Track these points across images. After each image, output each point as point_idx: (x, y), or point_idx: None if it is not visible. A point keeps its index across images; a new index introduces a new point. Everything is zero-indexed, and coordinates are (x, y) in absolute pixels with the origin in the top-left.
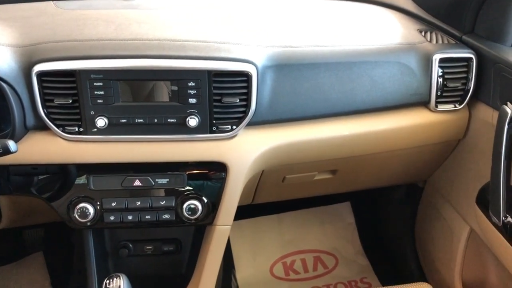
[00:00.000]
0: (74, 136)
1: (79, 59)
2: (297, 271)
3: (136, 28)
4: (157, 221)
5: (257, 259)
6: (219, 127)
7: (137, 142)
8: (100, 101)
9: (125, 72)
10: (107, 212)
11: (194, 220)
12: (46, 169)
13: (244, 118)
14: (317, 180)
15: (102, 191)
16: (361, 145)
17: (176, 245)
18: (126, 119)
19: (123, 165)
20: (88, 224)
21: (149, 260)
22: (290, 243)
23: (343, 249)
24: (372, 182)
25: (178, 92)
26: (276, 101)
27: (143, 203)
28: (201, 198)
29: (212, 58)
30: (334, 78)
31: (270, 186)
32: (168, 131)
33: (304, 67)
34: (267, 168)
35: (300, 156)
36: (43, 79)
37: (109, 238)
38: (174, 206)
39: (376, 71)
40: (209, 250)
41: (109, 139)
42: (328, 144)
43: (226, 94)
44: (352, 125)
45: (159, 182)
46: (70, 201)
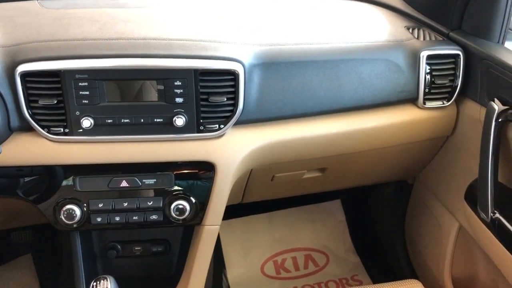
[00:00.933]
0: (60, 137)
1: (64, 59)
2: (288, 270)
3: (122, 27)
4: (144, 221)
5: (248, 258)
6: (206, 126)
7: (123, 142)
8: (85, 102)
9: (111, 71)
10: (94, 213)
11: (182, 221)
12: (32, 171)
13: (231, 117)
14: (307, 178)
15: (89, 192)
16: (349, 143)
17: (165, 246)
18: (112, 119)
19: (109, 165)
20: (74, 226)
21: (138, 261)
22: (281, 242)
23: (334, 247)
24: (361, 180)
25: (164, 92)
26: (263, 99)
27: (131, 204)
28: (189, 198)
29: (199, 56)
30: (321, 76)
31: (259, 185)
32: (155, 131)
33: (291, 65)
34: (255, 167)
35: (288, 155)
36: (27, 80)
37: (97, 240)
38: (162, 207)
39: (363, 69)
40: (198, 251)
41: (95, 140)
42: (316, 142)
43: (213, 93)
44: (340, 123)
45: (146, 183)
46: (56, 203)
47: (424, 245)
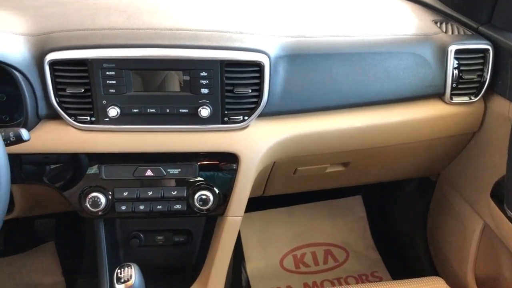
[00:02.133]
0: (86, 126)
1: (91, 48)
2: (308, 264)
3: (148, 17)
4: (168, 211)
5: (267, 251)
6: (230, 117)
7: (148, 132)
8: (112, 91)
9: (138, 61)
10: (119, 202)
11: (205, 211)
12: (58, 158)
13: (256, 109)
14: (329, 172)
15: (114, 181)
16: (374, 137)
17: (187, 236)
18: (138, 109)
19: (134, 155)
20: (99, 214)
21: (160, 250)
22: (300, 236)
23: (354, 243)
24: (384, 175)
25: (190, 82)
26: (288, 91)
27: (155, 193)
28: (212, 189)
29: (225, 47)
30: (347, 69)
31: (281, 178)
32: (180, 121)
33: (317, 58)
34: (278, 159)
35: (312, 148)
36: (55, 68)
37: (120, 228)
38: (186, 197)
39: (390, 62)
40: (220, 241)
41: (121, 129)
42: (340, 136)
43: (238, 84)
44: (365, 117)
45: (170, 172)
46: (81, 191)
47: (446, 243)
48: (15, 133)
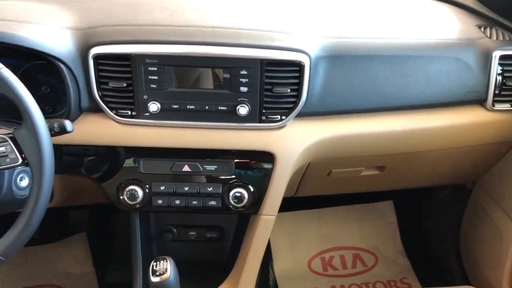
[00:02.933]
0: (127, 120)
1: (135, 43)
2: (336, 267)
3: (191, 15)
4: (203, 207)
5: (296, 252)
6: (268, 116)
7: (187, 128)
8: (153, 86)
9: (180, 58)
10: (156, 195)
11: (239, 208)
12: (97, 151)
13: (294, 109)
14: (364, 176)
15: (152, 175)
16: (412, 142)
17: (219, 233)
18: (178, 105)
19: (172, 150)
20: (136, 207)
21: (191, 246)
22: (329, 239)
23: (383, 248)
24: (419, 181)
25: (230, 80)
26: (327, 92)
27: (191, 189)
28: (247, 187)
29: (266, 47)
30: (388, 72)
31: (315, 179)
32: (218, 118)
33: (358, 59)
34: (314, 160)
35: (348, 150)
36: (99, 62)
37: (154, 222)
38: (221, 193)
39: (432, 66)
40: (253, 239)
41: (161, 124)
42: (378, 139)
43: (278, 83)
44: (404, 121)
45: (207, 169)
46: (119, 183)
47: (481, 252)
48: (59, 124)
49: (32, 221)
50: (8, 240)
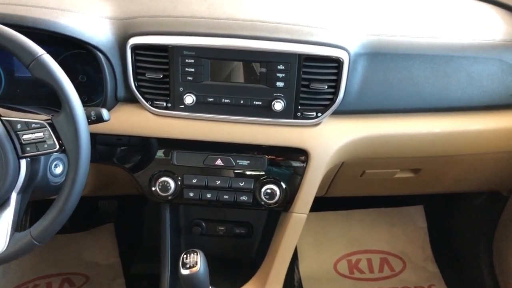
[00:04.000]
0: (162, 111)
1: (173, 34)
2: (362, 271)
3: (229, 8)
4: (234, 201)
5: (322, 253)
6: (304, 113)
7: (221, 122)
8: (189, 78)
9: (217, 51)
10: (187, 188)
11: (270, 205)
12: (130, 141)
13: (330, 106)
14: (397, 178)
15: (184, 167)
16: (450, 145)
17: (248, 229)
18: (213, 98)
19: (206, 143)
20: (168, 198)
21: (220, 241)
22: (356, 241)
23: (412, 254)
24: (455, 186)
25: (266, 75)
26: (365, 90)
27: (223, 183)
28: (279, 184)
29: (304, 42)
30: (429, 72)
31: (347, 179)
32: (253, 113)
33: (398, 58)
34: (348, 160)
35: (384, 151)
36: (137, 52)
37: (184, 215)
38: (252, 189)
39: (474, 68)
40: (283, 237)
41: (195, 117)
42: (416, 141)
43: (315, 79)
44: (443, 123)
45: (240, 164)
46: (152, 174)
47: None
48: (96, 113)
49: (67, 207)
50: (43, 225)
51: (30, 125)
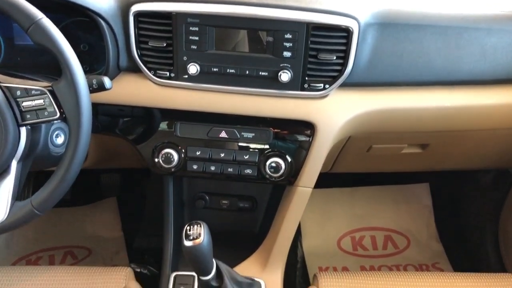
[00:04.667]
0: (165, 81)
1: (177, 1)
2: (366, 248)
3: None
4: (238, 174)
5: (326, 230)
6: (311, 84)
7: (226, 93)
8: (193, 47)
9: (222, 18)
10: (191, 160)
11: (275, 178)
12: (133, 112)
13: (338, 78)
14: (405, 154)
15: (188, 139)
16: (460, 119)
17: (252, 203)
18: (218, 68)
19: (210, 115)
20: (171, 171)
21: (223, 214)
22: (360, 218)
23: (416, 231)
24: (462, 163)
25: (273, 44)
26: (374, 62)
27: (227, 156)
28: (285, 157)
29: (313, 10)
30: (440, 43)
31: (353, 154)
32: (259, 84)
33: (409, 28)
34: (355, 134)
35: (392, 125)
36: (139, 20)
37: (187, 188)
38: (257, 162)
39: (488, 40)
40: (288, 211)
41: (199, 87)
42: (425, 114)
43: (323, 50)
44: (454, 96)
45: (244, 136)
46: (155, 146)
47: None
48: (98, 81)
49: (68, 176)
50: (44, 194)
51: (30, 92)
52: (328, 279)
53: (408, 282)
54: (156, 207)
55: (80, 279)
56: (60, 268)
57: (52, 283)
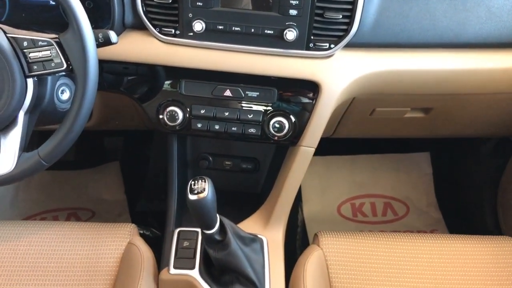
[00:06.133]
0: (170, 39)
1: None
2: (365, 214)
3: None
4: (242, 134)
5: (326, 196)
6: (316, 44)
7: (231, 51)
8: (199, 4)
9: None
10: (195, 118)
11: (278, 138)
12: (137, 70)
13: (344, 37)
14: (407, 118)
15: (192, 97)
16: (464, 83)
17: (255, 164)
18: (223, 26)
19: (215, 73)
20: (176, 129)
21: (226, 175)
22: (361, 186)
23: (415, 199)
24: (464, 129)
25: (279, 2)
26: (380, 22)
27: (231, 114)
28: (288, 117)
29: None
30: (447, 5)
31: (356, 118)
32: (264, 43)
33: None
34: (359, 95)
35: (396, 87)
36: None
37: (191, 149)
38: (261, 121)
39: (495, 1)
40: (290, 170)
41: (204, 45)
42: (429, 77)
43: (330, 8)
44: (459, 59)
45: (249, 95)
46: (160, 104)
47: None
48: (104, 35)
49: (75, 127)
50: (51, 144)
51: (37, 42)
52: (328, 238)
53: (407, 243)
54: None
55: (85, 233)
56: (66, 223)
57: (57, 237)
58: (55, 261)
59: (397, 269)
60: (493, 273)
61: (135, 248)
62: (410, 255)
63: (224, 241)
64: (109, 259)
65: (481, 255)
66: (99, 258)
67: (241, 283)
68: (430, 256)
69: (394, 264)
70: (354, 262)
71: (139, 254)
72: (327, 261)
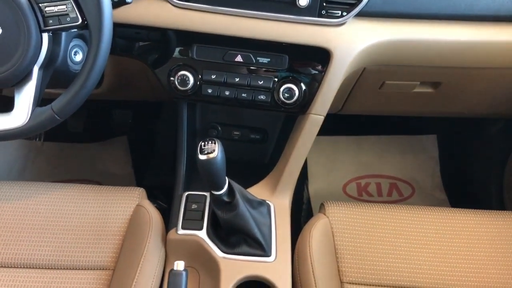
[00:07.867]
0: (182, 3)
1: None
2: (370, 194)
3: None
4: (252, 100)
5: (331, 175)
6: (329, 11)
7: (243, 17)
8: None
9: None
10: (206, 84)
11: (288, 105)
12: (149, 35)
13: (356, 5)
14: (416, 93)
15: (204, 62)
16: (476, 55)
17: (263, 135)
18: None
19: (226, 38)
20: (187, 93)
21: (234, 145)
22: (367, 166)
23: (421, 180)
24: (473, 106)
25: None
26: None
27: (242, 80)
28: (299, 84)
29: None
30: None
31: (365, 91)
32: (276, 9)
33: None
34: (369, 66)
35: (407, 57)
36: None
37: (200, 118)
38: (271, 88)
39: None
40: (300, 138)
41: (216, 10)
42: (440, 48)
43: None
44: (472, 31)
45: (260, 61)
46: (171, 68)
47: None
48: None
49: (88, 83)
50: (64, 99)
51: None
52: (335, 207)
53: (413, 214)
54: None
55: (95, 195)
56: (76, 185)
57: (67, 197)
58: (64, 220)
59: (402, 239)
60: (498, 246)
61: (143, 210)
62: (415, 226)
63: (232, 203)
64: (118, 219)
65: (486, 228)
66: (108, 219)
67: (248, 244)
68: (436, 228)
69: (399, 234)
70: (360, 231)
71: (147, 216)
72: (333, 229)
